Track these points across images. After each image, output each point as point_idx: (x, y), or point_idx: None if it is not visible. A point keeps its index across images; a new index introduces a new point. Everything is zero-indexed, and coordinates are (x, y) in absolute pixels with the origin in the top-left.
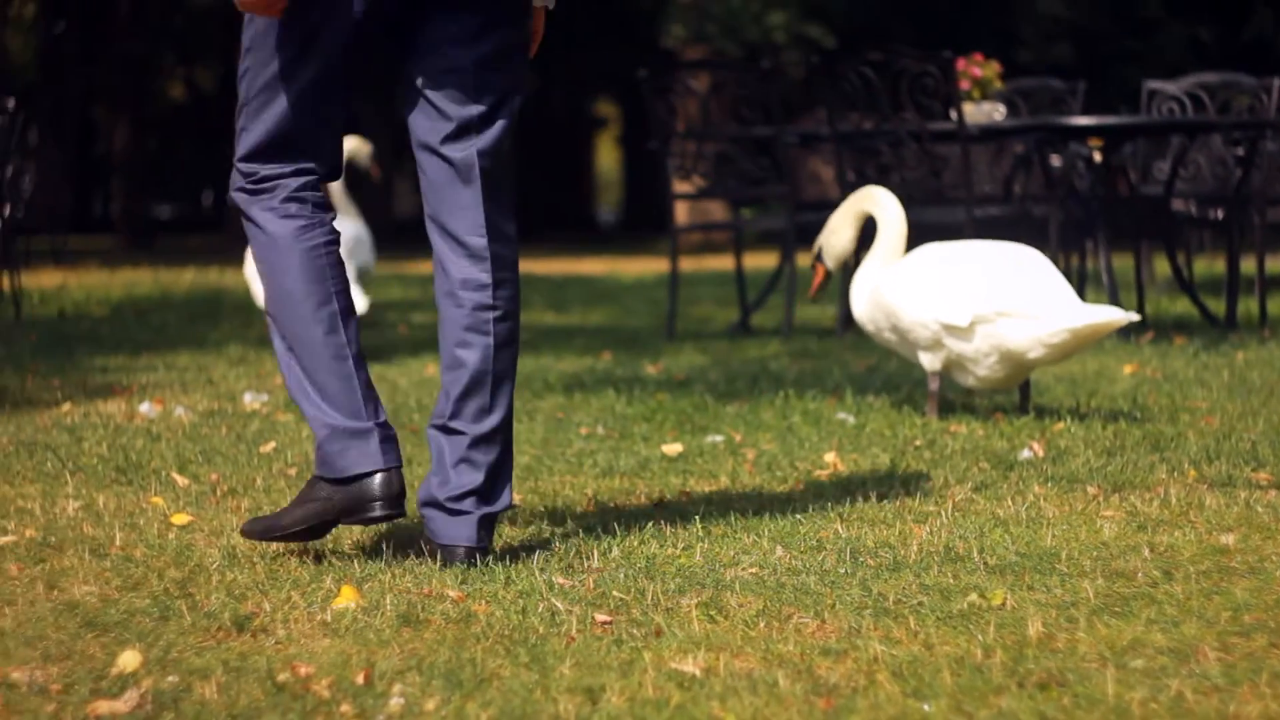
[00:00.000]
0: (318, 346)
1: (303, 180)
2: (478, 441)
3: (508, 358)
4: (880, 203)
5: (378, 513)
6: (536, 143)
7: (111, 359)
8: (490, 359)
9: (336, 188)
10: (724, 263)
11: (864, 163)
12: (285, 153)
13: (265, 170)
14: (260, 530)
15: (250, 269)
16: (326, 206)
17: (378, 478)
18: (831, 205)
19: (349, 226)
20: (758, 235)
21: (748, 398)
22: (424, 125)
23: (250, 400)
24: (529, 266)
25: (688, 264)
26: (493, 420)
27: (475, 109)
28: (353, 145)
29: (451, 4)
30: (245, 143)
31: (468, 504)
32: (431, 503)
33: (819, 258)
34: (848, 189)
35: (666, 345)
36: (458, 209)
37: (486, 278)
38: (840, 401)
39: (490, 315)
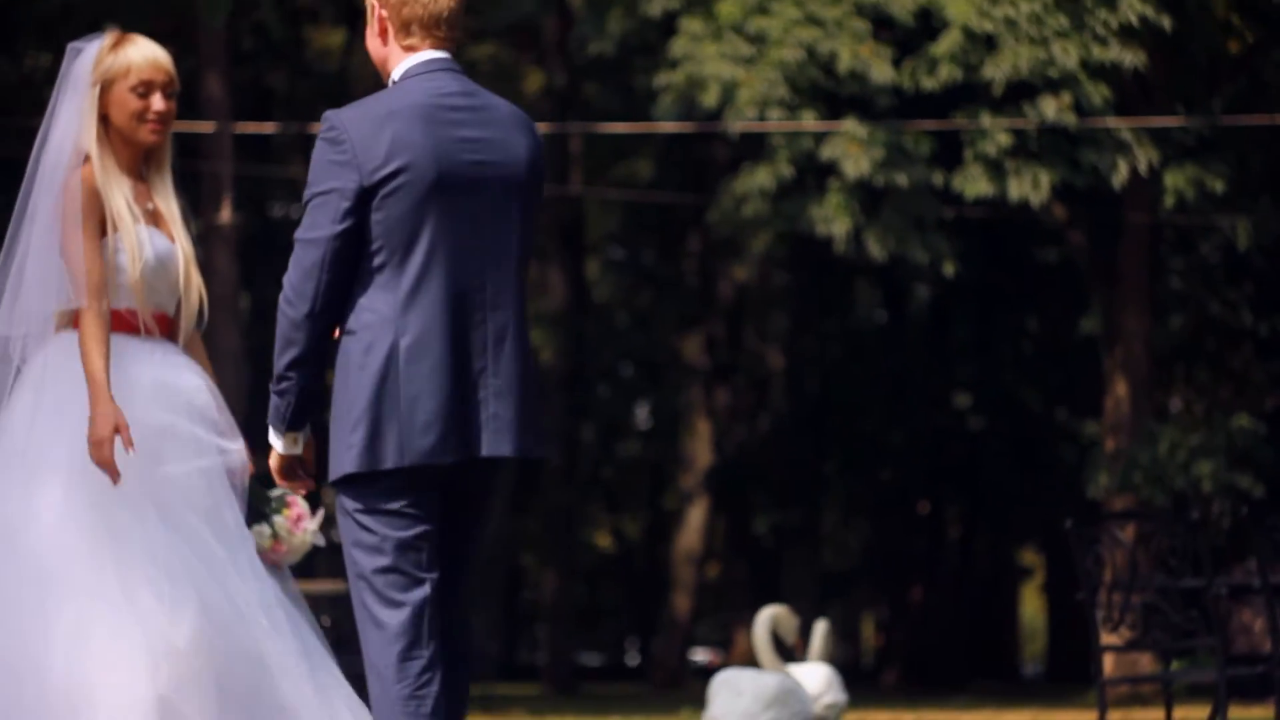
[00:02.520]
0: None
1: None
2: None
3: None
4: None
5: None
6: (961, 592)
7: None
8: None
9: (763, 644)
10: (1152, 715)
11: None
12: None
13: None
14: None
15: None
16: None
17: None
18: (1263, 659)
19: (771, 679)
20: (1187, 688)
21: None
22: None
23: None
24: (953, 717)
25: (1115, 716)
26: None
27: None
28: (778, 613)
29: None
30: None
31: None
32: None
33: None
34: None
35: None
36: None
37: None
38: None
39: None
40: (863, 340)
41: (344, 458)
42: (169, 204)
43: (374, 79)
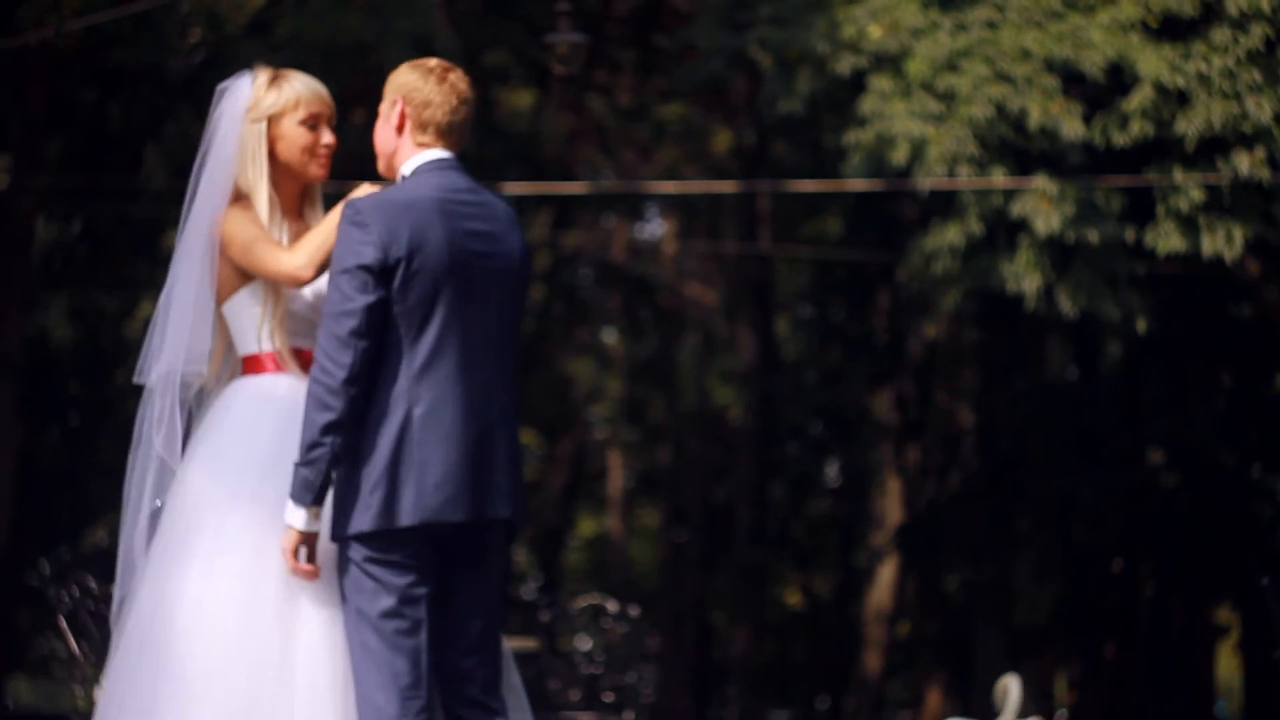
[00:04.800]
0: None
1: None
2: None
3: None
4: None
5: None
6: (1155, 649)
7: None
8: None
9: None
10: None
11: None
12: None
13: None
14: None
15: None
16: None
17: None
18: None
19: None
20: None
21: None
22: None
23: None
24: None
25: None
26: None
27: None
28: (1010, 684)
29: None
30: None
31: None
32: None
33: None
34: None
35: None
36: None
37: None
38: None
39: None
40: (1054, 397)
41: (362, 516)
42: None
43: (562, 140)
